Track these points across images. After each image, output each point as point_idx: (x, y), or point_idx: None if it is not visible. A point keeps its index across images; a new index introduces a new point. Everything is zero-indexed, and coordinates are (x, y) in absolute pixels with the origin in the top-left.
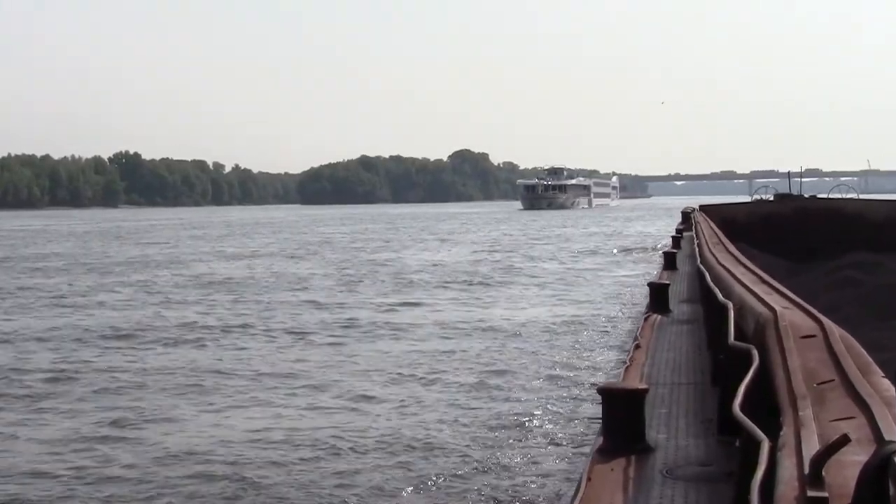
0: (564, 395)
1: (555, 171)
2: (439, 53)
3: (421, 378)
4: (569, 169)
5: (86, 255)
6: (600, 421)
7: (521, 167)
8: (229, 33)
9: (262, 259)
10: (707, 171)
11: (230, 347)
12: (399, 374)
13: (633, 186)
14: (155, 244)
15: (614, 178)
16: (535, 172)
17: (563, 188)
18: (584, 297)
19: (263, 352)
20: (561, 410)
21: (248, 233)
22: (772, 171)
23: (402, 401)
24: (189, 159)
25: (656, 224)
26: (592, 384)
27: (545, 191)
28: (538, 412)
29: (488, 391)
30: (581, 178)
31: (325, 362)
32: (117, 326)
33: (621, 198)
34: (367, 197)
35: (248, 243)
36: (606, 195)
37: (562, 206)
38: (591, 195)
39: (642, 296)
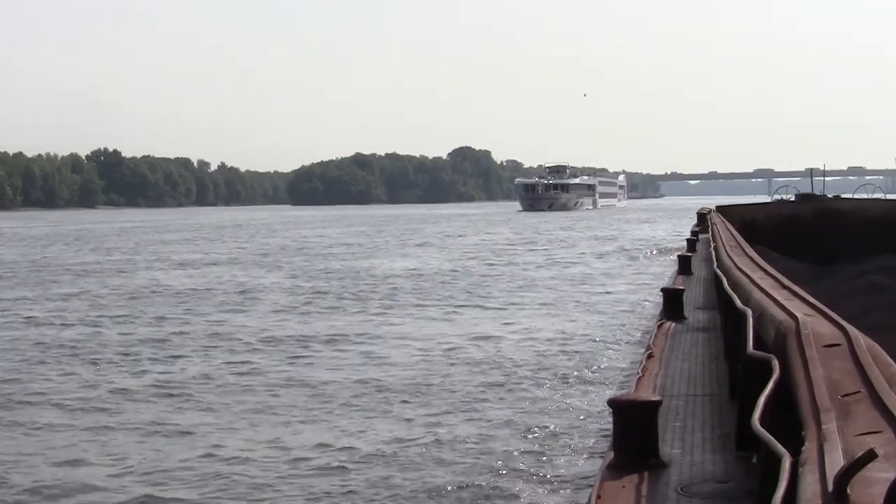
0: (570, 407)
1: (556, 170)
2: (438, 44)
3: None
4: (572, 167)
5: (24, 262)
6: (611, 435)
7: (526, 165)
8: (213, 24)
9: (218, 268)
10: (723, 170)
11: (110, 372)
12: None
13: (645, 186)
14: (114, 249)
15: (621, 177)
16: (536, 171)
17: (565, 188)
18: (574, 314)
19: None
20: (568, 424)
21: (221, 237)
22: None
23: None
24: (172, 157)
25: (666, 226)
26: (600, 395)
27: (546, 190)
28: (542, 427)
29: (484, 407)
30: (585, 177)
31: (279, 383)
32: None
33: (631, 198)
34: (361, 197)
35: (214, 249)
36: (613, 195)
37: (564, 207)
38: (596, 195)
39: (635, 317)
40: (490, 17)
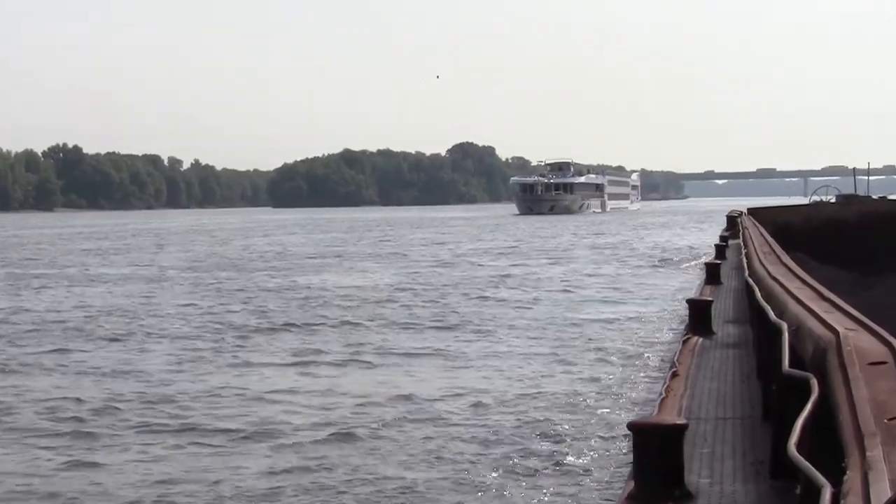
0: (586, 431)
1: (559, 167)
2: (435, 29)
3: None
4: (577, 164)
5: None
6: (631, 463)
7: (534, 163)
8: (185, 7)
9: (122, 287)
10: (754, 168)
11: None
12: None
13: (667, 186)
14: (27, 261)
15: (634, 176)
16: (536, 169)
17: (568, 188)
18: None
19: None
20: (583, 450)
21: (166, 244)
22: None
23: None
24: (140, 154)
25: (685, 234)
26: (618, 418)
27: (546, 191)
28: (556, 453)
29: (488, 435)
30: (592, 176)
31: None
32: None
33: (651, 199)
34: (350, 198)
35: (146, 259)
36: (625, 196)
37: (567, 210)
38: (605, 196)
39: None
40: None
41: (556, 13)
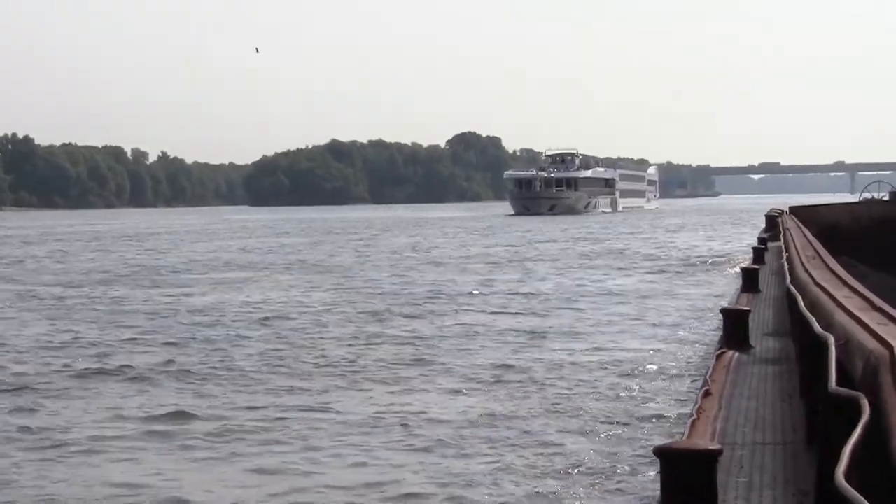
0: (606, 456)
1: (561, 159)
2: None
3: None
4: (584, 155)
5: None
6: (658, 492)
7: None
8: None
9: None
10: (793, 162)
11: None
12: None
13: (695, 181)
14: None
15: (651, 169)
16: (537, 161)
17: (572, 183)
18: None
19: None
20: (604, 478)
21: (75, 252)
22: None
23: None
24: (99, 145)
25: (706, 240)
26: (642, 442)
27: (546, 187)
28: (574, 480)
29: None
30: (600, 169)
31: None
32: None
33: (679, 195)
34: (337, 195)
35: (21, 273)
36: (640, 193)
37: (570, 210)
38: (617, 193)
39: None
40: None
41: None
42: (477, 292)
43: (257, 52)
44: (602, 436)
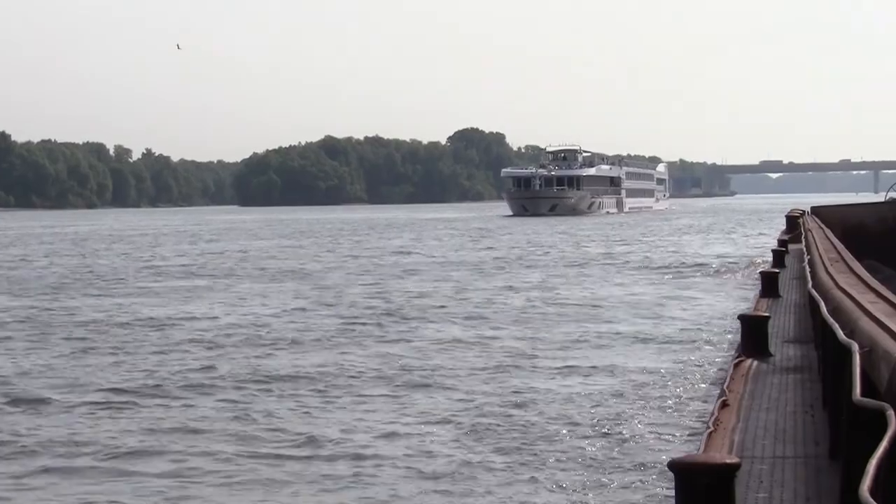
0: (618, 468)
1: (563, 156)
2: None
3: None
4: (588, 152)
5: None
6: None
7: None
8: None
9: None
10: (813, 160)
11: None
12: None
13: (710, 180)
14: None
15: (661, 167)
16: (537, 158)
17: (574, 181)
18: None
19: None
20: (612, 496)
21: (35, 254)
22: None
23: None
24: (80, 142)
25: (722, 244)
26: (655, 455)
27: (546, 186)
28: (583, 495)
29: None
30: (605, 167)
31: None
32: None
33: (693, 195)
34: (332, 195)
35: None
36: (648, 192)
37: (573, 211)
38: (623, 193)
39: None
40: None
41: None
42: (447, 305)
43: (178, 48)
44: (613, 448)
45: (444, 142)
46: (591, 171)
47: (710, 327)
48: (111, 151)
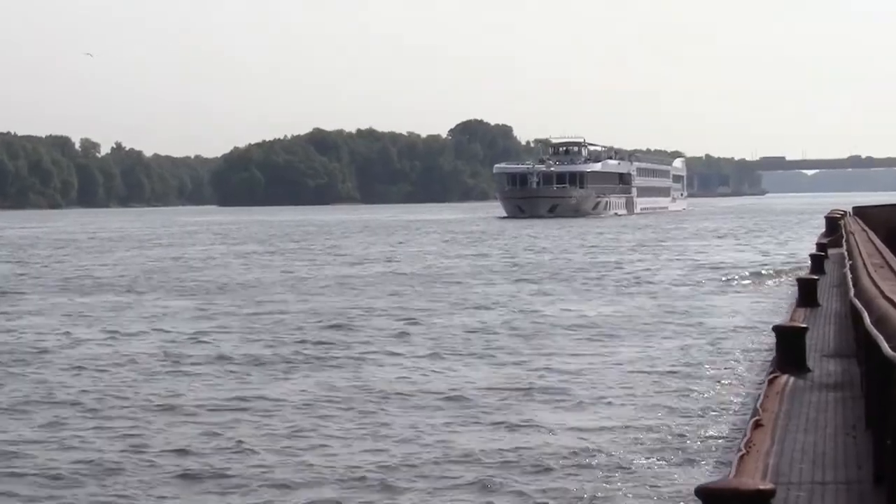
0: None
1: (565, 149)
2: None
3: None
4: (594, 146)
5: None
6: None
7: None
8: None
9: None
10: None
11: None
12: None
13: (739, 178)
14: None
15: (678, 163)
16: (534, 151)
17: (577, 179)
18: None
19: None
20: None
21: None
22: None
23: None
24: (43, 135)
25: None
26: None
27: (545, 183)
28: None
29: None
30: (612, 163)
31: None
32: None
33: (720, 193)
34: (321, 193)
35: None
36: (663, 191)
37: (575, 212)
38: (633, 191)
39: None
40: None
41: None
42: (402, 329)
43: (91, 56)
44: (635, 472)
45: (444, 135)
46: (597, 167)
47: (741, 340)
48: (77, 145)
